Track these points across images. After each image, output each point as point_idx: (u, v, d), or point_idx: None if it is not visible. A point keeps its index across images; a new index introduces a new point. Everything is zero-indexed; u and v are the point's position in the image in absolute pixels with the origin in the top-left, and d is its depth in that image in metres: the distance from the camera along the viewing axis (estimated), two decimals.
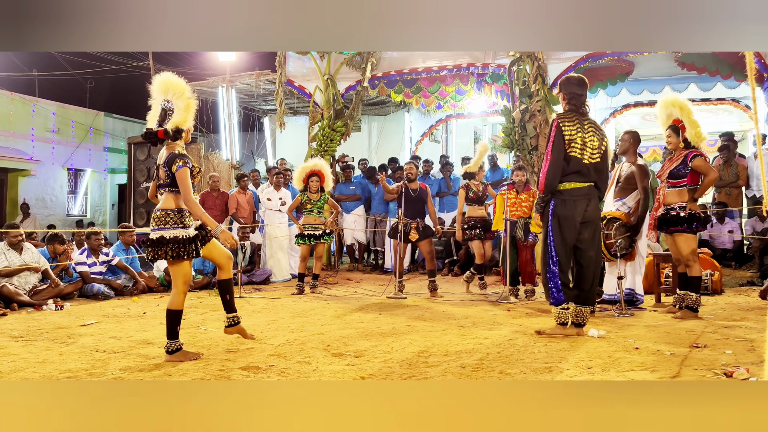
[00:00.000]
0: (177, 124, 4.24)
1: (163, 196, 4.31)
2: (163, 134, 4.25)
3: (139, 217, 11.98)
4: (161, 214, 4.26)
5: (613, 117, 12.39)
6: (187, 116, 4.29)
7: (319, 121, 11.35)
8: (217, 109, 13.98)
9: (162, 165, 4.28)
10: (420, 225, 7.83)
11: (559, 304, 4.80)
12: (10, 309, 6.68)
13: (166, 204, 4.28)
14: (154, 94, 4.32)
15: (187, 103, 4.28)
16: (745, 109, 11.28)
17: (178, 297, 4.29)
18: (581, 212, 4.80)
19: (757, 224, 9.31)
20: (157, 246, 4.19)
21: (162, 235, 4.20)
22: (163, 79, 4.29)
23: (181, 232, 4.23)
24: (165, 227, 4.22)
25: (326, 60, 11.33)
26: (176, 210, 4.27)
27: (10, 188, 16.07)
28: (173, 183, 4.25)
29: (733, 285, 7.97)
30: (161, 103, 4.29)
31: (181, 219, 4.26)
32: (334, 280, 9.80)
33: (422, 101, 11.69)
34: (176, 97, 4.26)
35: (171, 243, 4.19)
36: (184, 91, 4.28)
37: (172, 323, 4.25)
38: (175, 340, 4.25)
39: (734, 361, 3.83)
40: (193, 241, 4.25)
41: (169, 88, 4.28)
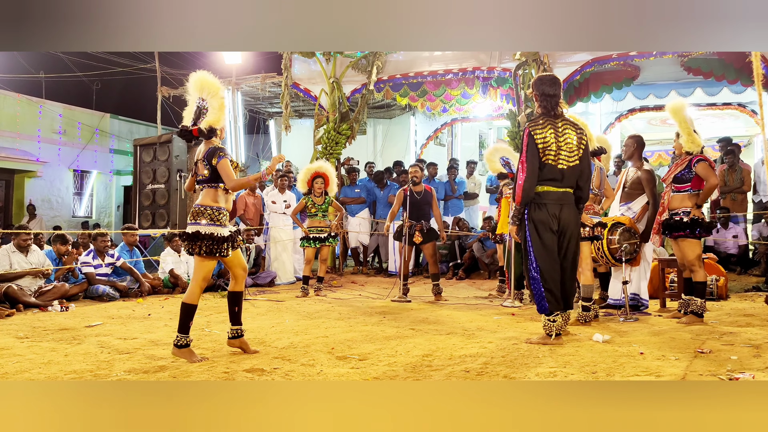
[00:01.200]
0: (211, 123, 4.34)
1: (203, 191, 4.40)
2: (198, 132, 4.34)
3: (144, 218, 11.99)
4: (199, 209, 4.34)
5: (618, 121, 12.38)
6: (221, 115, 4.38)
7: (324, 124, 11.37)
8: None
9: (201, 160, 4.36)
10: (424, 227, 7.81)
11: (542, 312, 4.69)
12: (16, 309, 6.71)
13: (205, 200, 4.37)
14: (190, 91, 4.41)
15: (221, 102, 4.37)
16: (751, 114, 11.24)
17: (196, 291, 4.35)
18: (555, 216, 4.66)
19: (764, 229, 9.28)
20: (192, 240, 4.27)
21: (198, 230, 4.28)
22: (199, 78, 4.37)
23: (216, 229, 4.30)
24: (201, 222, 4.29)
25: (332, 63, 11.35)
26: (214, 207, 4.35)
27: (16, 189, 16.11)
28: (213, 178, 4.34)
29: (738, 290, 7.94)
30: (196, 101, 4.39)
31: (218, 216, 4.34)
32: (339, 283, 9.80)
33: (427, 104, 11.70)
34: (210, 96, 4.36)
35: (206, 239, 4.26)
36: (218, 90, 4.37)
37: (185, 317, 4.30)
38: (185, 335, 4.28)
39: (739, 366, 3.81)
40: (226, 240, 4.32)
41: (204, 86, 4.37)
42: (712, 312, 6.16)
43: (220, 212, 4.36)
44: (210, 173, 4.34)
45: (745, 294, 7.71)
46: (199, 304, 4.41)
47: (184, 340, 4.28)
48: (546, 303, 4.65)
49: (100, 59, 17.99)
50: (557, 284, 4.67)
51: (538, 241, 4.66)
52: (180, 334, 4.28)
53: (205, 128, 4.32)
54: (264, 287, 9.40)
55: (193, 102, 4.40)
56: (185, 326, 4.29)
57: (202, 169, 4.36)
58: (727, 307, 6.70)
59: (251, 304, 7.41)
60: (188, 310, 4.31)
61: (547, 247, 4.66)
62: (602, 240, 5.85)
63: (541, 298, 4.66)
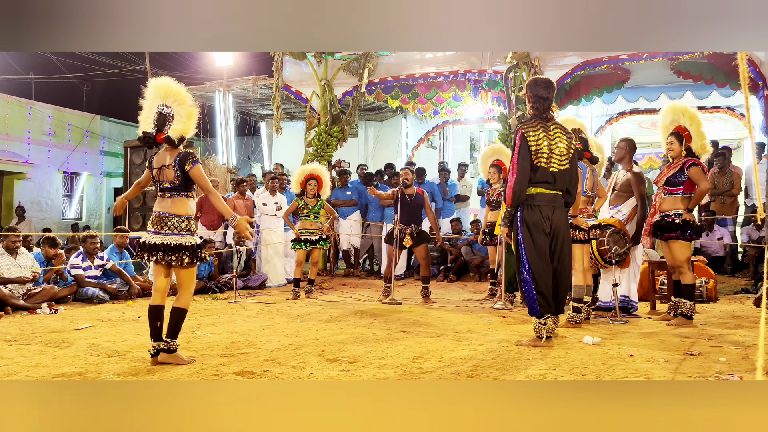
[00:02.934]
0: (181, 132, 4.24)
1: (170, 200, 4.26)
2: (164, 140, 4.24)
3: (134, 221, 11.95)
4: (181, 220, 4.24)
5: (609, 124, 12.44)
6: (191, 125, 4.29)
7: (315, 126, 11.37)
8: (213, 114, 13.99)
9: (171, 166, 4.23)
10: (414, 231, 7.80)
11: (533, 314, 4.68)
12: (3, 312, 6.66)
13: (182, 210, 4.26)
14: (150, 96, 4.30)
15: (190, 111, 4.27)
16: (740, 118, 11.33)
17: (189, 297, 4.33)
18: (547, 218, 4.66)
19: (753, 232, 9.34)
20: (176, 252, 4.19)
21: (181, 242, 4.20)
22: (163, 84, 4.27)
23: (195, 239, 4.27)
24: (184, 234, 4.22)
25: (323, 65, 11.35)
26: (190, 217, 4.30)
27: (5, 191, 16.03)
28: (184, 185, 4.25)
29: (727, 293, 7.99)
30: (158, 107, 4.27)
31: (193, 226, 4.32)
32: (330, 285, 9.79)
33: (419, 107, 11.71)
34: (178, 104, 4.25)
35: (189, 250, 4.21)
36: (186, 98, 4.27)
37: (179, 322, 4.26)
38: (175, 340, 4.25)
39: (728, 368, 3.84)
40: (201, 246, 4.30)
41: (169, 93, 4.26)
42: (701, 314, 6.19)
43: (191, 221, 4.31)
44: (181, 180, 4.23)
45: (734, 296, 7.75)
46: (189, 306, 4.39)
47: (176, 344, 4.25)
48: (537, 306, 4.64)
49: (90, 60, 17.93)
50: (549, 287, 4.66)
51: (531, 244, 4.65)
52: (172, 339, 4.22)
53: (176, 137, 4.22)
54: (255, 290, 9.37)
55: (154, 107, 4.28)
56: (177, 332, 4.26)
57: (170, 176, 4.24)
58: (716, 309, 6.74)
59: (242, 306, 7.39)
60: (183, 315, 4.28)
61: (540, 250, 4.65)
62: (591, 242, 5.88)
63: (533, 300, 4.65)
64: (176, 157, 4.23)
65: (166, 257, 4.18)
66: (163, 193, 4.28)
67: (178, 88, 4.29)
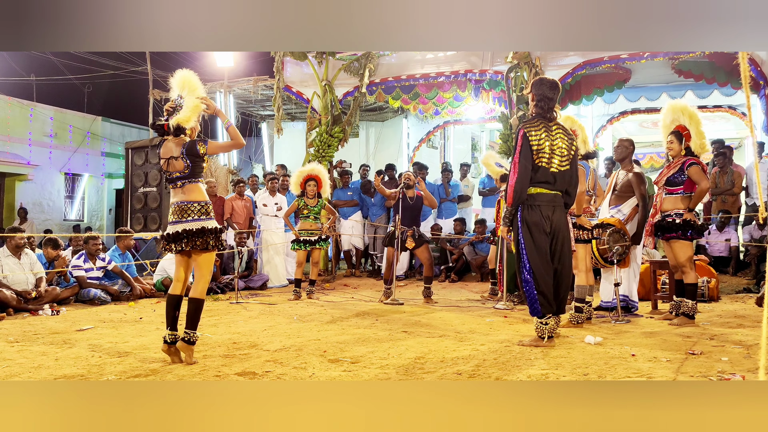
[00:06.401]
0: (179, 121, 4.30)
1: (183, 188, 4.34)
2: (167, 128, 4.32)
3: (136, 222, 11.95)
4: (200, 206, 4.33)
5: (610, 124, 12.44)
6: (191, 116, 4.32)
7: (316, 126, 11.37)
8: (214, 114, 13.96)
9: (179, 157, 4.29)
10: (416, 233, 7.81)
11: (535, 314, 4.67)
12: (5, 314, 6.66)
13: (198, 196, 4.35)
14: (173, 88, 4.41)
15: (195, 103, 4.32)
16: (741, 117, 11.33)
17: (206, 286, 4.38)
18: (547, 218, 4.65)
19: (755, 231, 9.33)
20: (200, 236, 4.26)
21: (203, 225, 4.28)
22: (182, 75, 4.38)
23: (215, 223, 4.37)
24: (205, 218, 4.31)
25: (324, 66, 11.35)
26: (208, 202, 4.39)
27: (7, 193, 16.05)
28: (194, 173, 4.33)
29: (729, 292, 7.98)
30: (176, 98, 4.38)
31: (211, 210, 4.42)
32: (331, 286, 9.79)
33: (420, 107, 11.72)
34: (187, 94, 4.34)
35: (212, 232, 4.30)
36: (195, 90, 4.35)
37: (198, 312, 4.30)
38: (195, 331, 4.27)
39: (730, 368, 3.83)
40: (222, 231, 4.40)
41: (184, 84, 4.36)
42: (703, 314, 6.18)
43: (209, 206, 4.40)
44: (190, 168, 4.30)
45: (736, 296, 7.75)
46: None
47: (196, 336, 4.28)
48: (538, 306, 4.63)
49: (91, 62, 17.94)
50: (550, 287, 4.65)
51: (532, 244, 4.64)
52: (192, 330, 4.24)
53: (173, 125, 4.28)
54: (256, 290, 9.37)
55: (173, 98, 4.40)
56: (197, 322, 4.31)
57: (180, 166, 4.30)
58: (718, 308, 6.74)
59: (243, 307, 7.39)
60: (201, 306, 4.33)
61: (540, 250, 4.64)
62: (591, 241, 5.87)
63: (534, 300, 4.64)
64: (183, 147, 4.30)
65: (191, 242, 4.26)
66: (175, 183, 4.36)
67: (191, 79, 4.37)
